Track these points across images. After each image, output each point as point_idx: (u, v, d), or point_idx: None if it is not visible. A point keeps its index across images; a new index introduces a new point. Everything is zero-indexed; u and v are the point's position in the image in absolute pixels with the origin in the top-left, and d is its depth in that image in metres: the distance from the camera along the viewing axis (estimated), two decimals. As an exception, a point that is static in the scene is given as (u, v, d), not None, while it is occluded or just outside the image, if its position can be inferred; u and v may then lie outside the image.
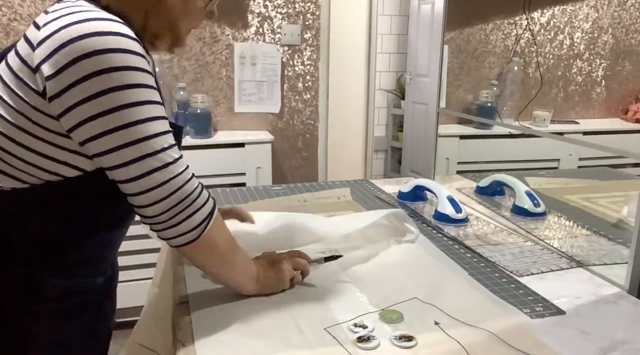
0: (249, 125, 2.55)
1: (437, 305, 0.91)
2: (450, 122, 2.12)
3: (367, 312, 0.89)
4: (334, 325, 0.84)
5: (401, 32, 2.94)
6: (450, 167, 2.03)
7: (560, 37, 2.10)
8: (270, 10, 2.47)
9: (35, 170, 0.74)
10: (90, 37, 0.68)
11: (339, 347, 0.78)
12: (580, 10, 2.10)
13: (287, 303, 0.92)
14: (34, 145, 0.73)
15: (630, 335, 0.85)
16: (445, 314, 0.88)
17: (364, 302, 0.92)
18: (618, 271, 1.03)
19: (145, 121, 0.72)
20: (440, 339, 0.81)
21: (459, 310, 0.89)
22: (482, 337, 0.82)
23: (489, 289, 0.98)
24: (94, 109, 0.69)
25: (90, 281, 0.87)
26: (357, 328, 0.83)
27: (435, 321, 0.86)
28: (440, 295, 0.95)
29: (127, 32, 0.71)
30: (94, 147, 0.72)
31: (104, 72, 0.68)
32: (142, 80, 0.71)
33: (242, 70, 2.48)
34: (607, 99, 2.18)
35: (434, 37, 2.34)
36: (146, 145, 0.72)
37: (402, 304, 0.91)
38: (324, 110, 2.65)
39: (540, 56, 2.11)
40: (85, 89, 0.68)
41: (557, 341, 0.82)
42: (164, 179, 0.75)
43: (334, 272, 1.04)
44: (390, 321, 0.86)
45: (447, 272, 1.05)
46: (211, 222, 0.81)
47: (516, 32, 2.11)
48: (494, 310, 0.90)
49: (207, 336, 0.81)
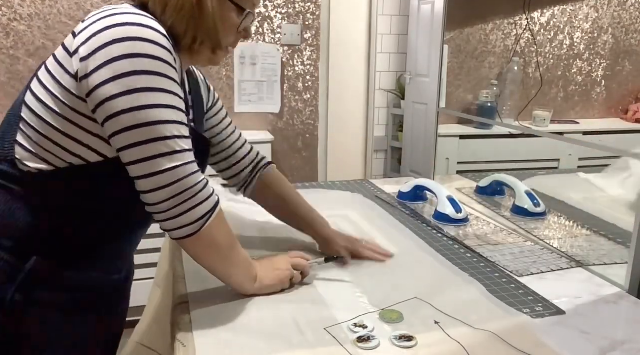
0: (249, 125, 2.55)
1: (437, 305, 0.91)
2: (450, 122, 2.12)
3: (367, 312, 0.89)
4: (334, 325, 0.84)
5: (401, 32, 2.94)
6: (450, 167, 2.04)
7: (560, 37, 2.10)
8: (270, 10, 2.47)
9: (61, 151, 0.77)
10: (125, 26, 0.73)
11: (339, 347, 0.78)
12: (580, 10, 2.10)
13: (287, 303, 0.92)
14: (62, 127, 0.76)
15: (630, 335, 0.85)
16: (445, 314, 0.88)
17: (364, 302, 0.92)
18: (618, 271, 1.03)
19: (160, 107, 0.75)
20: (441, 339, 0.81)
21: (459, 310, 0.89)
22: (482, 337, 0.82)
23: (488, 289, 0.98)
24: (115, 89, 0.72)
25: (104, 277, 0.88)
26: (357, 328, 0.83)
27: (435, 321, 0.86)
28: (440, 295, 0.95)
29: (158, 28, 0.76)
30: (110, 126, 0.74)
31: (132, 57, 0.72)
32: (166, 71, 0.75)
33: (242, 70, 2.48)
34: (607, 99, 2.18)
35: (434, 37, 2.34)
36: (156, 130, 0.75)
37: (402, 304, 0.91)
38: (324, 110, 2.65)
39: (540, 56, 2.11)
40: (112, 69, 0.72)
41: (557, 341, 0.82)
42: (169, 166, 0.76)
43: (334, 272, 1.04)
44: (390, 321, 0.86)
45: (447, 272, 1.05)
46: (212, 217, 0.82)
47: (516, 32, 2.11)
48: (494, 310, 0.90)
49: (207, 336, 0.81)
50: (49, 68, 0.78)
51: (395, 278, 1.02)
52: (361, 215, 1.38)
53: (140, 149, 0.75)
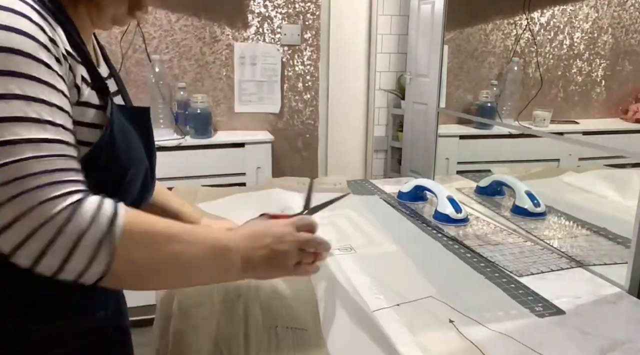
0: (249, 125, 2.54)
1: (452, 304, 0.91)
2: (450, 122, 2.12)
3: (381, 307, 0.89)
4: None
5: (401, 32, 2.94)
6: (450, 167, 2.03)
7: (560, 37, 2.10)
8: (270, 10, 2.47)
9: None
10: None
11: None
12: (580, 10, 2.09)
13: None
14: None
15: (630, 335, 0.85)
16: (459, 313, 0.89)
17: (380, 298, 0.93)
18: (618, 271, 1.03)
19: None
20: (454, 338, 0.82)
21: (473, 309, 0.90)
22: (496, 337, 0.82)
23: (512, 287, 0.98)
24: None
25: (83, 319, 0.67)
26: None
27: (450, 319, 0.86)
28: (455, 293, 0.96)
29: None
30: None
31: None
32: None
33: (242, 70, 2.48)
34: (607, 99, 2.18)
35: (434, 37, 2.34)
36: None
37: (418, 302, 0.92)
38: (324, 110, 2.65)
39: (540, 56, 2.11)
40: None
41: (557, 341, 0.82)
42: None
43: (349, 268, 1.05)
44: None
45: (462, 270, 1.06)
46: (115, 241, 0.56)
47: (516, 32, 2.11)
48: (508, 311, 0.91)
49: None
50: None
51: (410, 275, 1.03)
52: (361, 215, 1.38)
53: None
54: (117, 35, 2.26)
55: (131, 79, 2.30)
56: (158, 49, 2.33)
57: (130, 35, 2.28)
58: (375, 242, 1.20)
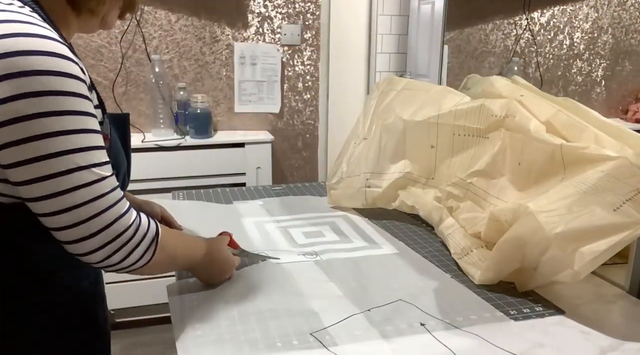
0: (249, 125, 2.54)
1: (422, 307, 0.91)
2: (450, 122, 2.12)
3: (352, 314, 0.88)
4: (321, 329, 0.83)
5: (401, 32, 2.94)
6: (450, 167, 2.03)
7: (560, 37, 2.10)
8: (270, 10, 2.47)
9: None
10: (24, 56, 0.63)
11: (324, 351, 0.78)
12: (580, 10, 2.10)
13: (270, 306, 0.91)
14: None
15: (630, 335, 0.84)
16: (430, 315, 0.88)
17: (348, 304, 0.92)
18: (618, 271, 1.03)
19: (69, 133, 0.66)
20: (426, 342, 0.81)
21: (445, 312, 0.89)
22: (468, 339, 0.82)
23: (487, 289, 0.98)
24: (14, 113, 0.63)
25: (73, 287, 0.83)
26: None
27: (421, 323, 0.86)
28: (425, 296, 0.95)
29: (56, 49, 0.65)
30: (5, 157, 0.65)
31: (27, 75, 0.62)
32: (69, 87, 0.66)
33: (242, 70, 2.48)
34: (607, 99, 2.18)
35: (434, 37, 2.34)
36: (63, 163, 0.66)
37: (388, 306, 0.91)
38: (324, 110, 2.65)
39: (540, 56, 2.11)
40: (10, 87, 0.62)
41: (557, 341, 0.82)
42: (92, 212, 0.69)
43: (315, 273, 1.04)
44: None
45: (431, 274, 1.05)
46: (156, 251, 0.78)
47: (516, 32, 2.11)
48: (480, 313, 0.90)
49: (189, 340, 0.80)
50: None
51: (379, 279, 1.02)
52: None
53: (44, 186, 0.66)
54: (117, 35, 2.26)
55: (131, 79, 2.30)
56: (158, 49, 2.33)
57: (130, 35, 2.28)
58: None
